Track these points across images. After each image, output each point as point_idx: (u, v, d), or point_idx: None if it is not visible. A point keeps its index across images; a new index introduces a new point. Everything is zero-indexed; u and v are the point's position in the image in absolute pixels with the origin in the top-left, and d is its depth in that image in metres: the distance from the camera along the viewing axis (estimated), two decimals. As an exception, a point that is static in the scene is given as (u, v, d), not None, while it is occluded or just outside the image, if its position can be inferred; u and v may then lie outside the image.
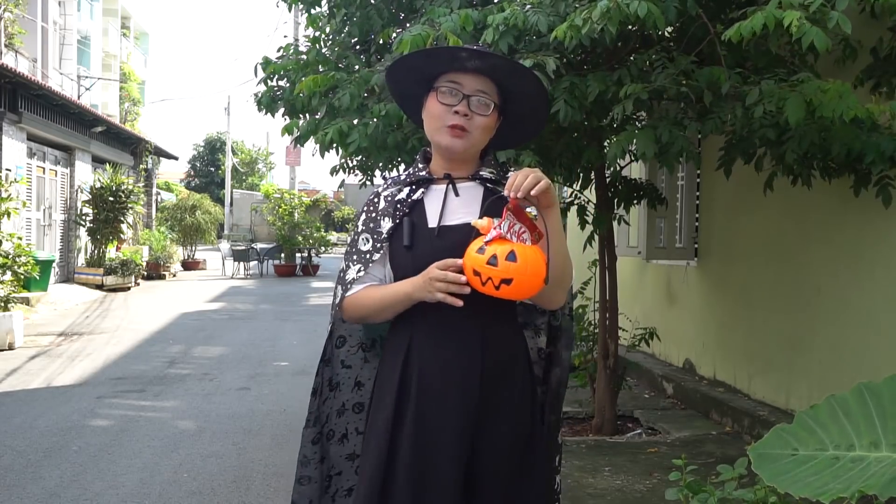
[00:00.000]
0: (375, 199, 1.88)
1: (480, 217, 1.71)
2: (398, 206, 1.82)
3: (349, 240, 1.89)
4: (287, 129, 4.50)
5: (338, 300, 1.83)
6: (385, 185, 1.90)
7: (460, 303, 1.64)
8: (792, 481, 1.10)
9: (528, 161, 3.69)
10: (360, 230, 1.85)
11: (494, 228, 1.62)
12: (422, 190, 1.83)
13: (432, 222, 1.78)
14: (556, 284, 1.72)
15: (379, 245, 1.81)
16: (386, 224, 1.82)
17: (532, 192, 1.60)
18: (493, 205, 1.72)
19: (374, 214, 1.85)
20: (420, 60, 1.83)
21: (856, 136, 3.26)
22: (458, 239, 1.71)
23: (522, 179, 1.61)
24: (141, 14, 31.82)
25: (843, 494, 1.03)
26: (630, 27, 3.88)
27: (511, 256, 1.59)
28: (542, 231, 1.66)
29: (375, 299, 1.77)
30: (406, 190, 1.85)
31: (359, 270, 1.81)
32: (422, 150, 1.92)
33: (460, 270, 1.66)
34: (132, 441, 4.80)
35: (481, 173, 1.83)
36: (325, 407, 1.98)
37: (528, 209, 1.66)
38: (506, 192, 1.62)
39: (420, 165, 1.88)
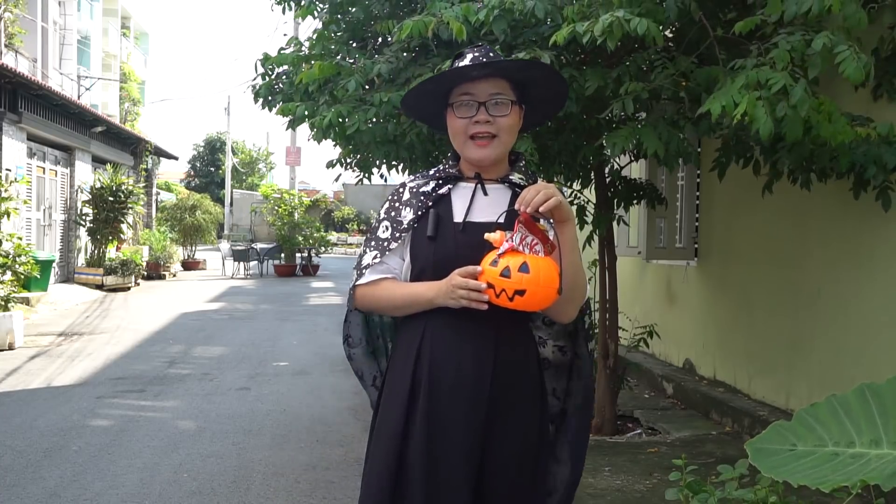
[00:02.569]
0: (401, 189, 1.89)
1: (496, 225, 1.72)
2: (423, 197, 1.83)
3: (371, 228, 1.90)
4: (284, 111, 4.46)
5: (351, 284, 1.85)
6: (413, 178, 1.92)
7: (485, 306, 1.65)
8: (790, 473, 1.10)
9: (525, 147, 3.67)
10: (381, 218, 1.86)
11: (507, 241, 1.63)
12: (449, 186, 1.85)
13: (458, 217, 1.79)
14: (568, 298, 1.73)
15: (398, 234, 1.81)
16: (408, 214, 1.82)
17: (541, 209, 1.61)
18: (510, 216, 1.72)
19: (396, 204, 1.86)
20: (429, 86, 1.85)
21: (852, 149, 3.27)
22: (481, 236, 1.72)
23: (533, 194, 1.62)
24: (141, 14, 31.82)
25: (845, 483, 1.03)
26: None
27: (524, 268, 1.60)
28: (556, 243, 1.66)
29: (395, 297, 1.78)
30: (433, 184, 1.86)
31: (374, 257, 1.82)
32: (453, 150, 1.93)
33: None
34: (132, 441, 4.79)
35: (510, 177, 1.84)
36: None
37: (541, 222, 1.67)
38: (517, 206, 1.64)
39: (451, 163, 1.89)
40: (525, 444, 1.77)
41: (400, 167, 5.19)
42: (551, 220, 1.69)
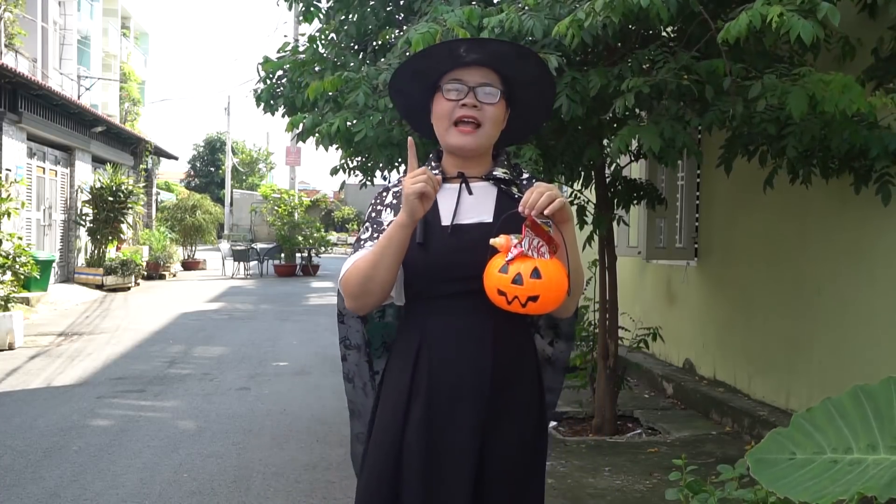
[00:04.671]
0: (384, 193, 1.87)
1: (495, 228, 1.69)
2: None
3: (356, 240, 1.87)
4: (293, 124, 4.49)
5: (339, 277, 1.81)
6: (396, 182, 1.89)
7: (437, 177, 1.67)
8: (790, 486, 1.10)
9: (530, 154, 3.67)
10: (366, 225, 1.84)
11: (515, 246, 1.61)
12: None
13: (445, 220, 1.76)
14: (570, 296, 1.73)
15: (377, 235, 1.77)
16: (388, 216, 1.80)
17: (546, 212, 1.59)
18: (506, 221, 1.68)
19: (378, 207, 1.84)
20: (420, 62, 1.81)
21: (857, 131, 3.25)
22: (471, 238, 1.70)
23: (538, 197, 1.59)
24: (141, 14, 31.83)
25: (843, 497, 1.03)
26: (630, 26, 3.89)
27: (535, 273, 1.59)
28: (559, 242, 1.65)
29: (370, 257, 1.71)
30: None
31: (353, 252, 1.80)
32: (434, 150, 1.90)
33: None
34: (132, 441, 4.80)
35: (494, 173, 1.82)
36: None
37: (542, 222, 1.65)
38: (520, 209, 1.61)
39: (433, 164, 1.85)
40: (525, 435, 1.77)
41: (401, 169, 5.20)
42: (550, 222, 1.68)
